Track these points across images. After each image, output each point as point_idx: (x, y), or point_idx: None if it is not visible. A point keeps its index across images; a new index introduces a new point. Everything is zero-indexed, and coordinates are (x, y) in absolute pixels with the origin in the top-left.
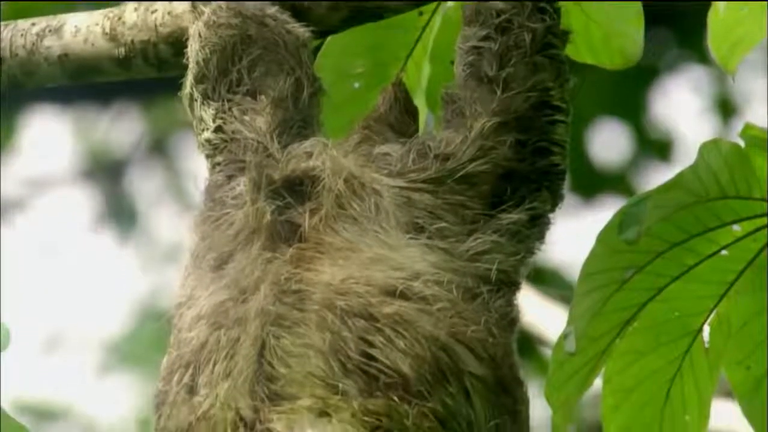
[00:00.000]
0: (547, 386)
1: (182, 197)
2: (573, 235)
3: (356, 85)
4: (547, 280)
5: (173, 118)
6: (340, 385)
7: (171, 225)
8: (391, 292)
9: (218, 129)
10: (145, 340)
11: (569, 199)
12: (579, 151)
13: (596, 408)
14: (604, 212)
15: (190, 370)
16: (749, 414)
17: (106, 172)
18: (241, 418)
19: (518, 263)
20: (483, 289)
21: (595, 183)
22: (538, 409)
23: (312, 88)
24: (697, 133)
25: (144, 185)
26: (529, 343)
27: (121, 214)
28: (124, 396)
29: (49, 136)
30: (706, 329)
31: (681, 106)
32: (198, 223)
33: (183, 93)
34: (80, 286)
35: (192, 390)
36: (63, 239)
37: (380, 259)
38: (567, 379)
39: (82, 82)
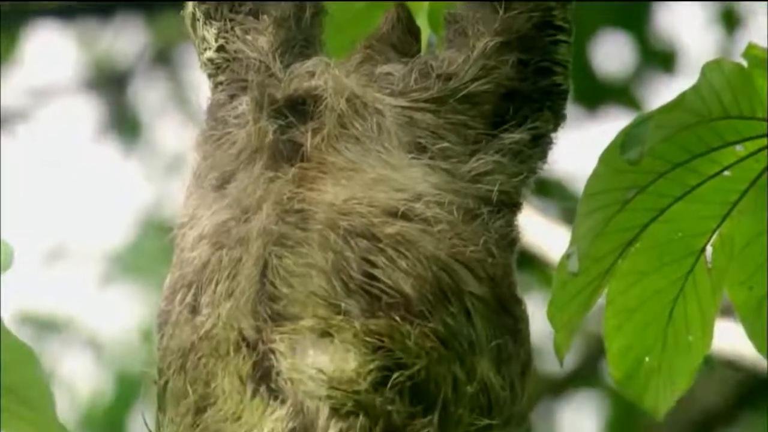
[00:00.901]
0: (549, 306)
1: (186, 108)
2: (577, 147)
3: (359, 4)
4: (551, 192)
5: (177, 29)
6: (342, 305)
7: (174, 136)
8: (394, 213)
9: (220, 48)
10: (148, 251)
11: (572, 110)
12: (582, 62)
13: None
14: (607, 124)
15: (193, 290)
16: (752, 334)
17: (109, 83)
18: (244, 338)
19: (520, 184)
20: (483, 210)
21: (598, 94)
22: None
23: (314, 8)
24: (700, 44)
25: (148, 96)
26: (532, 260)
27: (124, 124)
28: (127, 307)
29: (53, 47)
30: (709, 250)
31: (685, 17)
32: (200, 143)
33: (185, 12)
34: (83, 197)
35: (194, 310)
36: (66, 150)
37: (383, 180)
38: (570, 300)
39: None
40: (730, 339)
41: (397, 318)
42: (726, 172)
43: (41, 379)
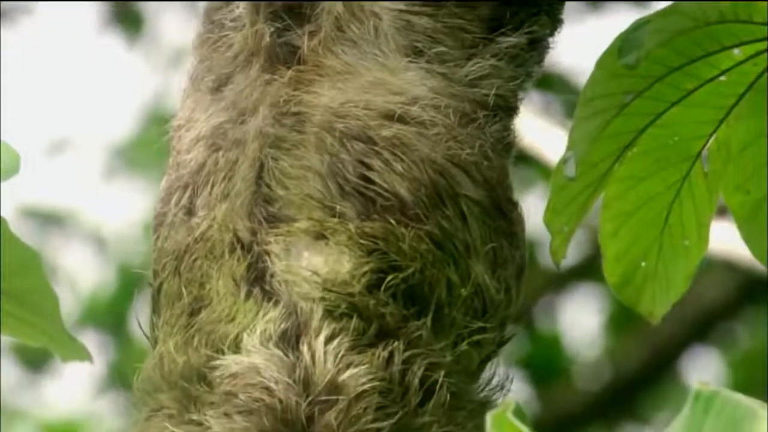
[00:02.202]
0: (546, 211)
1: (189, 1)
2: (579, 41)
3: None
4: (553, 86)
5: None
6: (338, 207)
7: (178, 29)
8: (390, 116)
9: None
10: (151, 144)
11: (576, 5)
12: None
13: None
14: (610, 18)
15: (188, 192)
16: (748, 238)
17: None
18: (239, 240)
19: (516, 88)
20: (480, 114)
21: None
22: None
23: None
24: None
25: None
26: (533, 160)
27: (128, 17)
28: (130, 201)
29: None
30: (705, 154)
31: None
32: (196, 46)
33: None
34: (86, 90)
35: (190, 212)
36: (69, 43)
37: (379, 83)
38: (566, 204)
39: None
40: (727, 239)
41: (392, 220)
42: (723, 77)
43: (46, 284)
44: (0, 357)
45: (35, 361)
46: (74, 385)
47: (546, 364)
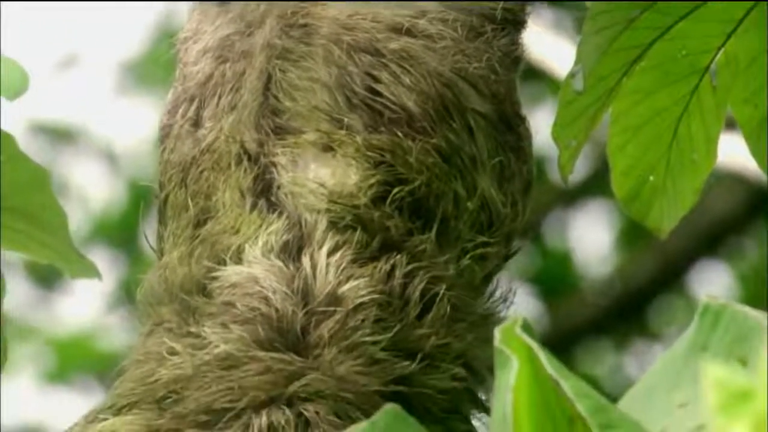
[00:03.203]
0: (554, 125)
1: None
2: None
3: None
4: (564, 1)
5: None
6: (345, 119)
7: None
8: (398, 29)
9: None
10: (162, 61)
11: None
12: None
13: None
14: None
15: (195, 104)
16: (755, 151)
17: None
18: (246, 151)
19: (525, 1)
20: (487, 28)
21: None
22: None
23: None
24: None
25: None
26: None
27: None
28: (141, 117)
29: None
30: (714, 68)
31: None
32: None
33: None
34: (97, 5)
35: (196, 123)
36: None
37: None
38: (574, 119)
39: None
40: (735, 152)
41: (400, 133)
42: None
43: (54, 201)
44: (1, 271)
45: (46, 278)
46: (85, 301)
47: (555, 280)
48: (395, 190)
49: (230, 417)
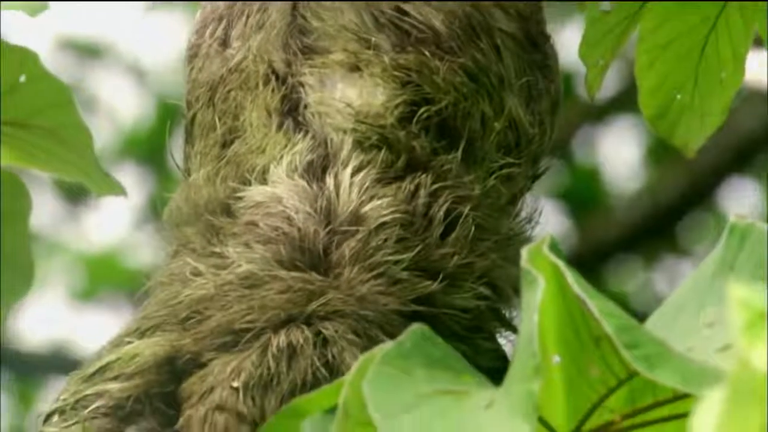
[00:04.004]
0: (581, 45)
1: None
2: None
3: None
4: None
5: None
6: (373, 39)
7: None
8: None
9: None
10: None
11: None
12: None
13: None
14: None
15: (223, 23)
16: None
17: None
18: (273, 71)
19: None
20: None
21: None
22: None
23: None
24: None
25: None
26: None
27: None
28: (170, 33)
29: None
30: None
31: None
32: None
33: None
34: None
35: (225, 43)
36: None
37: None
38: (601, 37)
39: None
40: (763, 69)
41: (427, 53)
42: None
43: (79, 120)
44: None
45: (74, 194)
46: (113, 217)
47: (584, 196)
48: (422, 109)
49: (249, 337)
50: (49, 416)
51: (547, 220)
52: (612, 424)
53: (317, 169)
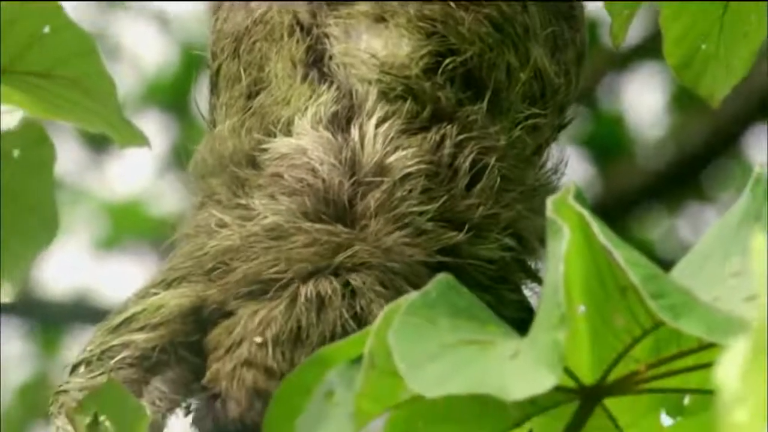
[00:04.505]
0: None
1: None
2: None
3: None
4: None
5: None
6: None
7: None
8: None
9: None
10: None
11: None
12: None
13: None
14: None
15: None
16: None
17: None
18: (298, 22)
19: None
20: None
21: None
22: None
23: None
24: None
25: None
26: None
27: None
28: None
29: None
30: None
31: None
32: None
33: None
34: None
35: None
36: None
37: None
38: None
39: None
40: None
41: (452, 3)
42: None
43: (102, 69)
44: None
45: (97, 141)
46: (137, 165)
47: (609, 144)
48: (447, 60)
49: (277, 287)
50: (75, 367)
51: (572, 167)
52: (637, 374)
53: (342, 121)
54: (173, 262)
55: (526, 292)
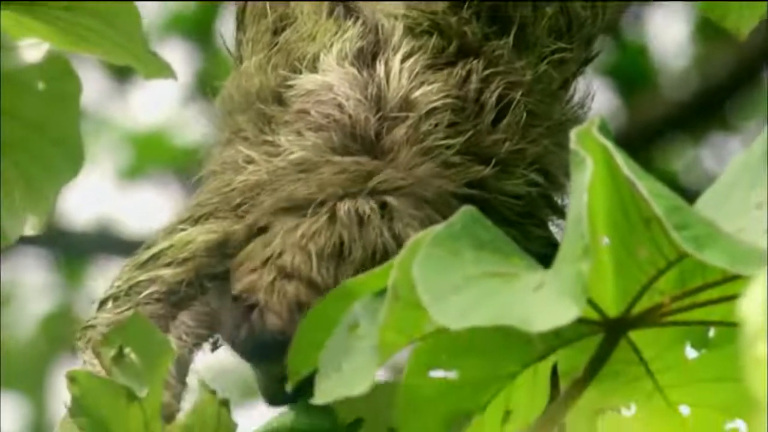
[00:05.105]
0: None
1: None
2: None
3: None
4: None
5: None
6: None
7: None
8: None
9: None
10: None
11: None
12: None
13: None
14: None
15: None
16: None
17: None
18: None
19: None
20: None
21: None
22: None
23: None
24: None
25: None
26: None
27: None
28: None
29: None
30: None
31: None
32: None
33: None
34: None
35: None
36: None
37: None
38: None
39: None
40: None
41: None
42: None
43: (128, 1)
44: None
45: (122, 71)
46: (161, 95)
47: (633, 74)
48: None
49: (314, 205)
50: (102, 302)
51: (596, 98)
52: (661, 306)
53: (367, 56)
54: (200, 198)
55: (552, 229)
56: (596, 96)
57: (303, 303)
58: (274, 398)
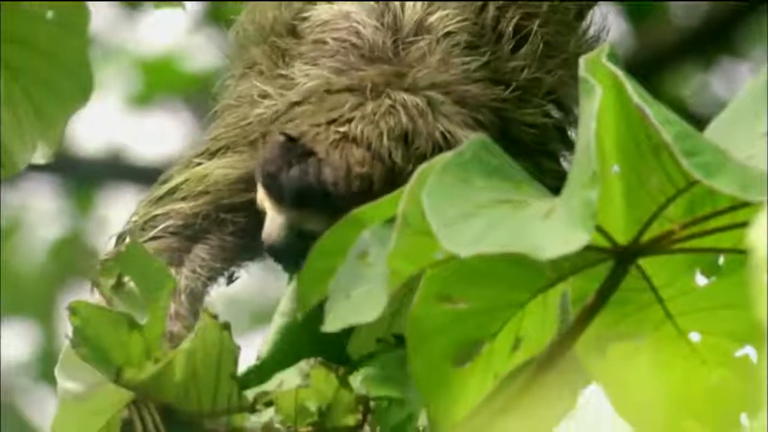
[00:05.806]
0: None
1: None
2: None
3: None
4: None
5: None
6: None
7: None
8: None
9: None
10: None
11: None
12: None
13: None
14: None
15: None
16: None
17: None
18: None
19: None
20: None
21: None
22: None
23: None
24: None
25: None
26: None
27: None
28: None
29: None
30: None
31: None
32: None
33: None
34: None
35: None
36: None
37: None
38: None
39: None
40: None
41: None
42: None
43: None
44: None
45: None
46: (170, 20)
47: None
48: None
49: (369, 90)
50: (119, 238)
51: (606, 38)
52: (671, 233)
53: None
54: (216, 132)
55: (565, 165)
56: (607, 36)
57: (363, 173)
58: (282, 248)
